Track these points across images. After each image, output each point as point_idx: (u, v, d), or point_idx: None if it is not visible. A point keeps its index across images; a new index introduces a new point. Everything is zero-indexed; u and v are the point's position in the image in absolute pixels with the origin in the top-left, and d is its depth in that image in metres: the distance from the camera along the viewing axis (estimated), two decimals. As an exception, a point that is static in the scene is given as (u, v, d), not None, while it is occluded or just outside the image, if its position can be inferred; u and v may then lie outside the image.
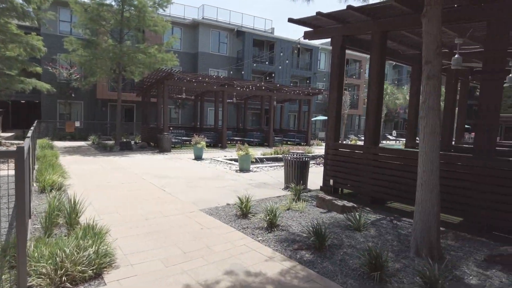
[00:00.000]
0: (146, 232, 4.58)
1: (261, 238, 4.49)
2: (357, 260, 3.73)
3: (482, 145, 5.15)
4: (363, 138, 31.68)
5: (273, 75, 29.61)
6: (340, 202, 5.94)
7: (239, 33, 30.28)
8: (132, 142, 19.68)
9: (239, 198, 5.62)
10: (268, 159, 14.25)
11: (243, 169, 10.42)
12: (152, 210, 5.64)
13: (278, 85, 20.64)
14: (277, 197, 7.00)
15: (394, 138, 34.24)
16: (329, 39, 7.81)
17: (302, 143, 22.88)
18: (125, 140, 17.16)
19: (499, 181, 4.91)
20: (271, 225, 4.83)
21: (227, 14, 30.76)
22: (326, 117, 32.38)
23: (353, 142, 19.95)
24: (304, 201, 6.38)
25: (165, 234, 4.51)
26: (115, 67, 17.62)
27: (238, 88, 18.68)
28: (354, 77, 39.30)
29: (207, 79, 17.20)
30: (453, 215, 5.59)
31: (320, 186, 7.76)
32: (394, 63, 42.88)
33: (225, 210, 5.78)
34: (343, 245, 4.29)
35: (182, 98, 21.78)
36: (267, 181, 8.84)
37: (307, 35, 8.06)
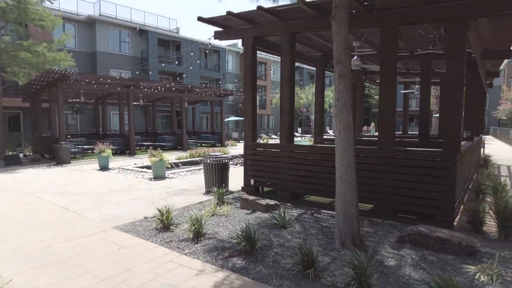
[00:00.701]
0: (50, 262, 3.85)
1: (188, 250, 4.18)
2: (289, 259, 3.73)
3: (384, 139, 5.71)
4: (273, 136, 33.13)
5: (183, 75, 28.77)
6: (263, 201, 5.96)
7: (142, 32, 28.61)
8: (21, 155, 16.90)
9: (158, 209, 5.18)
10: (184, 163, 13.73)
11: (158, 177, 9.78)
12: (55, 235, 4.81)
13: (189, 86, 20.09)
14: (199, 203, 6.70)
15: (300, 134, 36.59)
16: (238, 40, 7.82)
17: (217, 144, 22.74)
18: (11, 153, 14.62)
19: (399, 169, 5.51)
20: (198, 235, 4.56)
21: (127, 12, 28.82)
22: (238, 118, 32.92)
23: (265, 141, 20.62)
24: (228, 204, 6.24)
25: (75, 262, 3.86)
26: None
27: (145, 90, 17.58)
28: (263, 78, 40.74)
29: (109, 81, 15.73)
30: (365, 203, 6.09)
31: (242, 187, 7.71)
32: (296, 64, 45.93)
33: (143, 225, 5.26)
34: (272, 245, 4.27)
35: (80, 102, 19.57)
36: (186, 187, 8.43)
37: (217, 35, 7.91)
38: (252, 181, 7.39)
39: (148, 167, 12.40)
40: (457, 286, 2.78)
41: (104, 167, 11.97)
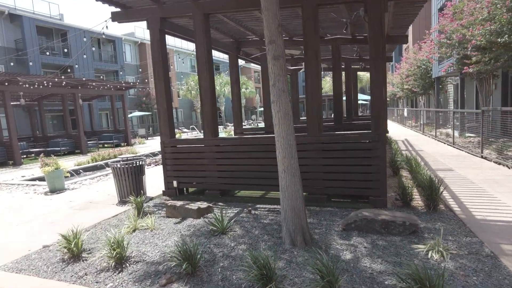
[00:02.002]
0: None
1: (111, 284, 3.29)
2: (242, 274, 3.19)
3: (313, 125, 5.53)
4: (185, 130, 31.73)
5: (74, 68, 25.23)
6: (193, 206, 5.26)
7: (13, 18, 24.01)
8: None
9: (61, 235, 4.07)
10: (87, 170, 11.90)
11: (56, 189, 8.13)
12: None
13: (84, 79, 17.56)
14: (114, 217, 5.64)
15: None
16: (136, 29, 6.81)
17: (122, 144, 20.64)
18: None
19: (330, 153, 5.40)
20: (121, 261, 3.67)
21: (-10, -8, 23.68)
22: (143, 113, 30.56)
23: (178, 135, 19.40)
24: (151, 214, 5.36)
25: None
26: None
27: (26, 86, 14.70)
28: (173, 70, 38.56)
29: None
30: (298, 192, 5.89)
31: (163, 191, 6.82)
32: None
33: (43, 257, 4.09)
34: (216, 258, 3.66)
35: None
36: (93, 198, 7.13)
37: (116, 17, 6.73)
38: (175, 183, 6.57)
39: (41, 179, 10.39)
40: (421, 273, 2.62)
41: (-23, 185, 9.56)
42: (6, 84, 13.89)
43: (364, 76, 42.43)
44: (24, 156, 16.65)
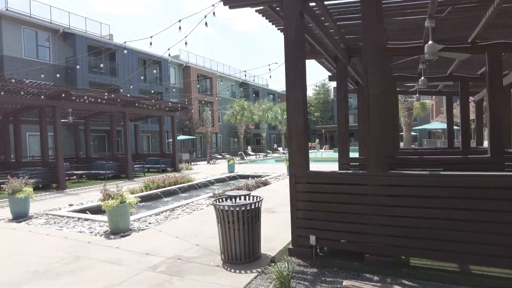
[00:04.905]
0: None
1: None
2: None
3: None
4: (227, 156, 29.66)
5: (120, 89, 24.31)
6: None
7: (67, 36, 23.65)
8: None
9: None
10: (144, 199, 9.88)
11: (120, 230, 6.05)
12: None
13: (138, 96, 16.15)
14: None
15: (254, 153, 33.98)
16: (181, 52, 4.92)
17: (169, 169, 18.83)
18: None
19: None
20: None
21: (46, 10, 23.56)
22: (187, 137, 29.09)
23: (231, 162, 17.36)
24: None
25: None
26: None
27: (78, 100, 13.27)
28: (208, 94, 37.49)
29: (26, 87, 11.25)
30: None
31: (289, 248, 4.53)
32: (241, 81, 43.72)
33: None
34: None
35: (-20, 119, 14.31)
36: (179, 251, 4.95)
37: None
38: (312, 239, 4.28)
39: (93, 211, 8.45)
40: None
41: (21, 215, 7.68)
42: (63, 95, 12.41)
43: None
44: (67, 178, 15.06)
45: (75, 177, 15.41)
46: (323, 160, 25.95)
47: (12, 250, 5.31)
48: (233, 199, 4.75)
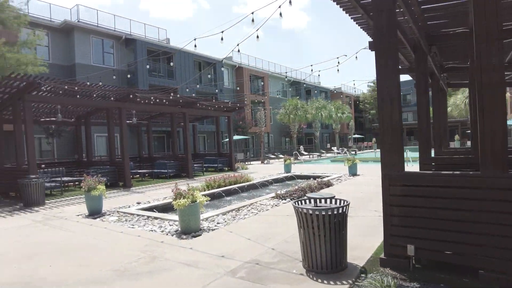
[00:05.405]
0: None
1: None
2: None
3: None
4: (280, 156, 29.22)
5: (177, 92, 25.12)
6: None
7: (128, 42, 24.99)
8: (-26, 195, 12.60)
9: None
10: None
11: (191, 230, 5.97)
12: None
13: (198, 97, 16.46)
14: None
15: (307, 153, 33.27)
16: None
17: (225, 168, 18.97)
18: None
19: None
20: None
21: (110, 19, 25.08)
22: (241, 137, 29.30)
23: (287, 162, 16.96)
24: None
25: None
26: None
27: (143, 102, 13.77)
28: (260, 94, 37.49)
29: (99, 90, 11.90)
30: None
31: (381, 258, 4.04)
32: (293, 80, 43.15)
33: None
34: None
35: (57, 121, 15.50)
36: (255, 254, 4.67)
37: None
38: (410, 248, 3.75)
39: (161, 209, 8.61)
40: None
41: (95, 212, 8.03)
42: (131, 96, 12.98)
43: None
44: (131, 176, 15.74)
45: (138, 175, 16.08)
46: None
47: (92, 247, 5.44)
48: (315, 201, 4.36)
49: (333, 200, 4.35)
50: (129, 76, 24.80)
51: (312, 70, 10.79)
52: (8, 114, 13.44)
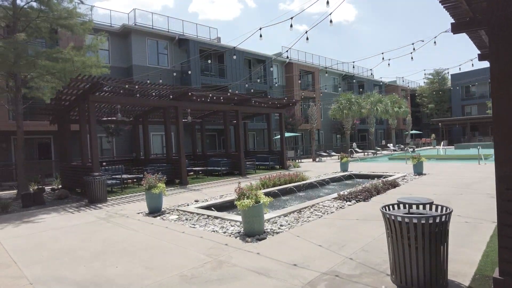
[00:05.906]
0: None
1: None
2: None
3: None
4: (333, 154, 28.13)
5: (229, 90, 25.20)
6: None
7: (181, 42, 25.51)
8: (49, 189, 13.51)
9: None
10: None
11: (255, 232, 5.60)
12: None
13: (249, 96, 16.23)
14: None
15: (361, 151, 31.73)
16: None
17: (277, 166, 18.55)
18: (32, 189, 11.10)
19: None
20: None
21: (164, 22, 25.83)
22: (292, 134, 28.70)
23: (344, 160, 16.04)
24: None
25: None
26: (10, 80, 11.76)
27: (198, 100, 13.79)
28: (310, 89, 36.52)
29: (154, 88, 12.09)
30: None
31: (495, 278, 3.30)
32: (344, 73, 41.52)
33: None
34: None
35: (117, 120, 16.15)
36: (331, 265, 4.14)
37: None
38: (539, 270, 2.99)
39: (217, 207, 8.40)
40: None
41: (155, 210, 8.03)
42: (190, 93, 13.08)
43: None
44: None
45: (192, 173, 16.24)
46: (449, 159, 22.50)
47: (155, 247, 5.28)
48: (404, 206, 3.73)
49: (436, 207, 3.67)
50: (184, 75, 25.39)
51: (383, 58, 9.89)
52: (75, 115, 14.24)
